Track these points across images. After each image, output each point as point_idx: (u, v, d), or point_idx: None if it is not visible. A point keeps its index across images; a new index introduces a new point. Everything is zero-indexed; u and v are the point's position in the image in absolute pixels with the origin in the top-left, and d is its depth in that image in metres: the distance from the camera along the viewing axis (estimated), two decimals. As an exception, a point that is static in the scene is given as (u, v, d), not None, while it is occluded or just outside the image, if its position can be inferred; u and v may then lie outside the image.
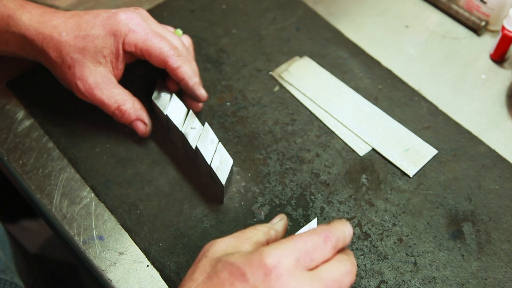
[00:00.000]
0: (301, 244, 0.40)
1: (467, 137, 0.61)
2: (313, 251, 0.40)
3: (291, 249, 0.40)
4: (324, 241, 0.41)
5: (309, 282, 0.39)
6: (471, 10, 0.71)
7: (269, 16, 0.71)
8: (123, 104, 0.56)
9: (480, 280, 0.51)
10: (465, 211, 0.55)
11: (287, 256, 0.39)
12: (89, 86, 0.55)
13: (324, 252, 0.41)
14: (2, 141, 0.58)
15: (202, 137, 0.54)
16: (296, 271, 0.39)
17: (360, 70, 0.66)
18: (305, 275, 0.39)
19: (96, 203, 0.55)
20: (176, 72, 0.55)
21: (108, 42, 0.54)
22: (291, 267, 0.39)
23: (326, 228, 0.42)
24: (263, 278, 0.38)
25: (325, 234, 0.41)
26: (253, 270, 0.38)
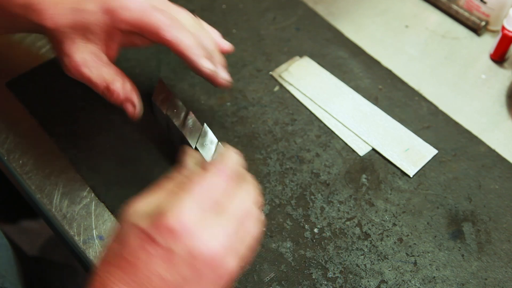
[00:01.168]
0: (199, 191, 0.39)
1: (467, 137, 0.61)
2: (212, 192, 0.40)
3: (190, 201, 0.39)
4: (218, 177, 0.41)
5: (222, 227, 0.39)
6: (471, 10, 0.71)
7: (269, 16, 0.71)
8: (112, 83, 0.52)
9: (480, 280, 0.51)
10: (465, 211, 0.55)
11: (190, 210, 0.38)
12: (76, 62, 0.51)
13: (221, 186, 0.41)
14: (2, 141, 0.58)
15: (201, 138, 0.54)
16: (204, 221, 0.39)
17: (360, 70, 0.66)
18: (215, 221, 0.39)
19: (96, 203, 0.55)
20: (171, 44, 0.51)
21: (101, 19, 0.50)
22: (198, 219, 0.38)
23: (216, 164, 0.41)
24: (173, 238, 0.38)
25: (216, 169, 0.41)
26: (159, 232, 0.38)
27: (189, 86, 0.64)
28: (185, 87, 0.64)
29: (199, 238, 0.38)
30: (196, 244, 0.38)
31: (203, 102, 0.63)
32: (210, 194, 0.40)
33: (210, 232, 0.39)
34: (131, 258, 0.38)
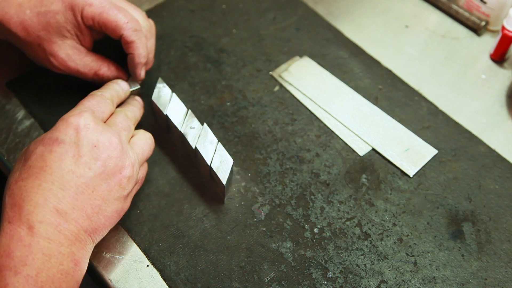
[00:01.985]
0: (88, 104, 0.48)
1: (467, 137, 0.61)
2: (98, 105, 0.48)
3: (84, 108, 0.47)
4: (102, 97, 0.50)
5: (109, 128, 0.47)
6: (471, 10, 0.71)
7: (269, 16, 0.71)
8: (99, 69, 0.57)
9: (480, 280, 0.51)
10: (465, 211, 0.55)
11: (85, 112, 0.46)
12: (62, 59, 0.55)
13: (107, 106, 0.50)
14: (2, 141, 0.58)
15: (201, 138, 0.54)
16: (97, 121, 0.46)
17: (360, 70, 0.66)
18: (104, 124, 0.47)
19: (96, 203, 0.55)
20: (128, 46, 0.55)
21: (68, 17, 0.54)
22: (92, 118, 0.46)
23: (99, 90, 0.52)
24: (76, 133, 0.44)
25: (100, 93, 0.51)
26: (63, 132, 0.44)
27: (189, 86, 0.64)
28: (185, 87, 0.64)
29: (100, 133, 0.45)
30: (99, 136, 0.45)
31: (203, 102, 0.63)
32: (96, 106, 0.48)
33: (106, 131, 0.46)
34: (41, 164, 0.43)
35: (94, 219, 0.45)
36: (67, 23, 0.54)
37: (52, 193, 0.42)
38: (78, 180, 0.43)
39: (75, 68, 0.56)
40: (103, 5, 0.54)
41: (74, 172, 0.43)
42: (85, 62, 0.56)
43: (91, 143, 0.44)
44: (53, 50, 0.55)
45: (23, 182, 0.43)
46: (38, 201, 0.42)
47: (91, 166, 0.44)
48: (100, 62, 0.57)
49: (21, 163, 0.44)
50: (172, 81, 0.64)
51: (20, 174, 0.43)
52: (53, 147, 0.43)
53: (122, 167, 0.46)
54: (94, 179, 0.44)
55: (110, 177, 0.45)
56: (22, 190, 0.42)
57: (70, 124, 0.44)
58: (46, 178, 0.42)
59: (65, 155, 0.43)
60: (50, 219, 0.42)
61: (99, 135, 0.45)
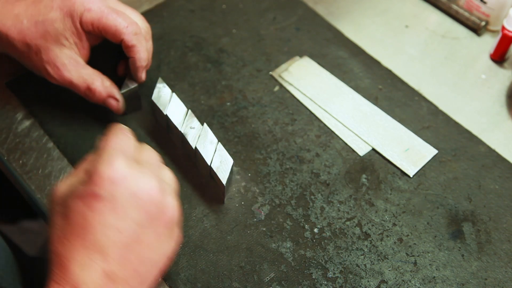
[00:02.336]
0: (116, 146, 0.43)
1: (467, 137, 0.61)
2: (127, 145, 0.44)
3: (114, 153, 0.42)
4: (124, 134, 0.45)
5: (143, 169, 0.42)
6: (471, 10, 0.71)
7: (269, 16, 0.71)
8: (92, 83, 0.56)
9: (480, 280, 0.51)
10: (465, 211, 0.55)
11: (116, 160, 0.41)
12: (57, 68, 0.55)
13: (132, 142, 0.45)
14: (2, 141, 0.58)
15: (201, 138, 0.54)
16: (131, 166, 0.42)
17: (360, 70, 0.66)
18: (141, 168, 0.42)
19: (96, 203, 0.55)
20: (129, 50, 0.55)
21: (67, 24, 0.54)
22: (126, 165, 0.41)
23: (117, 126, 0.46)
24: (113, 186, 0.40)
25: (120, 130, 0.45)
26: (100, 186, 0.40)
27: (189, 86, 0.64)
28: (185, 87, 0.64)
29: (137, 180, 0.41)
30: (137, 185, 0.41)
31: (203, 102, 0.63)
32: (125, 147, 0.44)
33: (143, 175, 0.42)
34: (82, 221, 0.40)
35: (143, 273, 0.42)
36: (65, 30, 0.54)
37: (97, 252, 0.39)
38: (121, 235, 0.40)
39: (69, 79, 0.55)
40: (102, 10, 0.54)
41: (117, 227, 0.40)
42: (80, 73, 0.55)
43: (129, 192, 0.41)
44: (50, 58, 0.54)
45: (67, 241, 0.40)
46: (84, 262, 0.39)
47: (134, 216, 0.41)
48: (95, 77, 0.56)
49: (59, 217, 0.41)
50: (172, 81, 0.64)
51: (63, 231, 0.40)
52: (92, 203, 0.40)
53: (165, 206, 0.42)
54: (139, 230, 0.41)
55: (154, 222, 0.42)
56: (67, 249, 0.40)
57: (106, 179, 0.40)
58: (89, 237, 0.40)
59: (105, 211, 0.40)
60: (97, 281, 0.39)
61: (137, 182, 0.41)
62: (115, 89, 0.57)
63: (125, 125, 0.59)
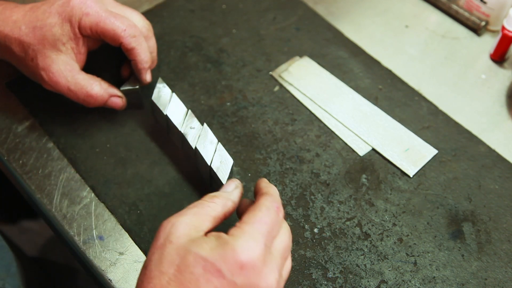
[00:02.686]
0: (264, 228, 0.41)
1: (467, 137, 0.61)
2: (272, 229, 0.42)
3: (259, 237, 0.40)
4: (277, 213, 0.42)
5: (276, 261, 0.41)
6: (471, 10, 0.71)
7: (269, 16, 0.71)
8: (91, 89, 0.56)
9: (480, 280, 0.51)
10: (465, 211, 0.55)
11: (258, 246, 0.40)
12: (53, 75, 0.54)
13: (280, 224, 0.43)
14: (2, 141, 0.58)
15: (201, 138, 0.54)
16: (266, 257, 0.40)
17: (360, 70, 0.66)
18: (272, 256, 0.41)
19: (96, 203, 0.55)
20: (129, 53, 0.55)
21: (65, 29, 0.54)
22: (262, 255, 0.40)
23: (273, 199, 0.43)
24: (239, 272, 0.39)
25: (276, 206, 0.43)
26: (228, 266, 0.39)
27: (189, 86, 0.64)
28: (185, 87, 0.64)
29: (262, 275, 0.39)
30: (259, 280, 0.39)
31: (203, 102, 0.63)
32: (271, 231, 0.41)
33: (270, 269, 0.40)
34: (193, 286, 0.38)
35: None
36: (63, 35, 0.54)
37: None
38: None
39: (66, 86, 0.55)
40: (100, 14, 0.54)
41: None
42: (76, 80, 0.55)
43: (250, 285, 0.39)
44: (46, 64, 0.54)
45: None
46: None
47: None
48: (92, 81, 0.56)
49: (174, 267, 0.39)
50: (172, 81, 0.64)
51: (168, 284, 0.39)
52: (212, 277, 0.38)
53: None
54: None
55: None
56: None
57: (238, 261, 0.39)
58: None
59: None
60: None
61: (261, 279, 0.39)
62: (114, 88, 0.58)
63: (125, 125, 0.60)
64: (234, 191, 0.47)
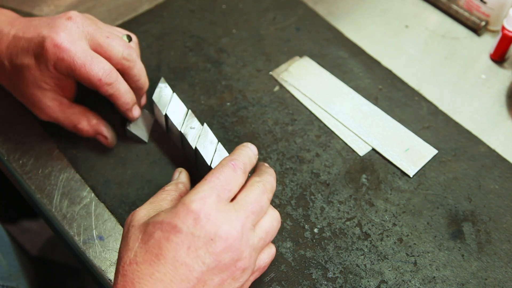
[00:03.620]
0: (216, 181, 0.43)
1: (467, 137, 0.61)
2: (227, 183, 0.43)
3: (209, 189, 0.42)
4: (234, 170, 0.44)
5: (234, 212, 0.42)
6: (471, 10, 0.71)
7: (269, 16, 0.71)
8: (79, 123, 0.56)
9: (480, 280, 0.51)
10: (465, 211, 0.55)
11: (208, 196, 0.42)
12: (44, 110, 0.54)
13: (237, 180, 0.44)
14: (2, 141, 0.58)
15: (201, 138, 0.54)
16: (220, 206, 0.42)
17: (360, 70, 0.66)
18: (229, 207, 0.42)
19: (96, 203, 0.55)
20: (109, 98, 0.54)
21: (43, 71, 0.52)
22: (215, 204, 0.41)
23: (232, 158, 0.45)
24: (194, 223, 0.41)
25: (232, 163, 0.44)
26: (182, 219, 0.41)
27: (189, 86, 0.64)
28: (185, 87, 0.64)
29: (219, 224, 0.41)
30: (217, 229, 0.41)
31: (203, 102, 0.63)
32: (225, 184, 0.43)
33: (228, 220, 0.42)
34: (156, 251, 0.40)
35: None
36: (43, 76, 0.52)
37: (163, 284, 0.40)
38: (190, 274, 0.40)
39: (56, 119, 0.55)
40: (74, 61, 0.51)
41: (188, 265, 0.40)
42: (65, 114, 0.55)
43: (208, 236, 0.41)
44: (34, 102, 0.54)
45: (137, 266, 0.41)
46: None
47: (205, 260, 0.41)
48: (80, 116, 0.55)
49: (138, 242, 0.42)
50: (172, 81, 0.64)
51: (135, 256, 0.41)
52: (170, 234, 0.40)
53: (238, 259, 0.42)
54: (206, 273, 0.41)
55: (223, 271, 0.42)
56: (135, 274, 0.40)
57: (190, 212, 0.41)
58: (159, 268, 0.40)
59: (180, 246, 0.40)
60: None
61: (218, 227, 0.41)
62: (103, 126, 0.57)
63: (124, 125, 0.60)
64: (180, 175, 0.51)
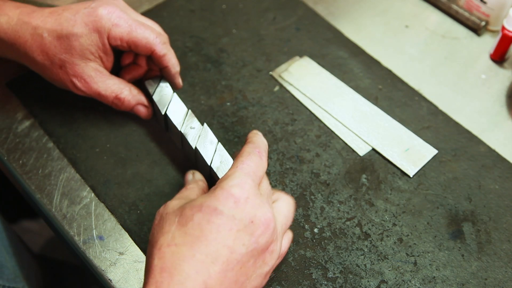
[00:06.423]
0: (248, 168, 0.45)
1: (467, 137, 0.61)
2: (257, 169, 0.45)
3: (244, 175, 0.44)
4: (260, 157, 0.46)
5: (264, 200, 0.44)
6: (471, 10, 0.71)
7: (269, 16, 0.71)
8: (121, 93, 0.56)
9: (480, 280, 0.51)
10: (465, 211, 0.55)
11: (246, 182, 0.43)
12: (84, 81, 0.55)
13: (264, 166, 0.47)
14: (2, 141, 0.58)
15: (201, 138, 0.54)
16: (256, 191, 0.44)
17: (360, 70, 0.66)
18: (260, 195, 0.44)
19: (96, 203, 0.55)
20: (161, 59, 0.56)
21: (93, 39, 0.53)
22: (252, 189, 0.43)
23: (254, 145, 0.47)
24: (235, 206, 0.42)
25: (257, 151, 0.47)
26: (222, 202, 0.42)
27: (189, 86, 0.64)
28: (185, 87, 0.64)
29: (257, 207, 0.43)
30: (256, 211, 0.42)
31: (203, 102, 0.63)
32: (256, 171, 0.45)
33: (263, 203, 0.43)
34: (197, 232, 0.41)
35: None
36: (91, 45, 0.53)
37: (204, 266, 0.40)
38: (231, 255, 0.41)
39: (97, 91, 0.55)
40: (130, 24, 0.54)
41: (229, 247, 0.41)
42: (107, 84, 0.56)
43: (249, 218, 0.42)
44: (76, 72, 0.54)
45: (176, 248, 0.40)
46: (190, 273, 0.40)
47: (245, 242, 0.41)
48: (122, 86, 0.57)
49: (174, 225, 0.42)
50: (172, 81, 0.64)
51: (174, 238, 0.41)
52: (211, 217, 0.41)
53: (271, 242, 0.44)
54: (246, 255, 0.42)
55: (259, 253, 0.43)
56: (175, 256, 0.40)
57: (230, 196, 0.42)
58: (201, 249, 0.40)
59: (222, 228, 0.41)
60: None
61: (257, 209, 0.42)
62: (143, 96, 0.58)
63: (125, 125, 0.60)
64: (195, 175, 0.53)
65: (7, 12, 0.54)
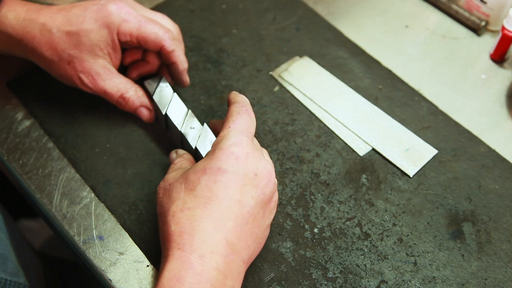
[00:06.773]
0: (241, 127, 0.46)
1: (467, 137, 0.61)
2: (249, 126, 0.47)
3: (239, 133, 0.46)
4: (248, 114, 0.48)
5: (261, 153, 0.46)
6: (471, 10, 0.71)
7: (269, 16, 0.71)
8: (126, 92, 0.56)
9: (480, 280, 0.51)
10: (465, 211, 0.55)
11: (242, 139, 0.45)
12: (92, 77, 0.55)
13: (253, 122, 0.49)
14: (2, 141, 0.58)
15: (201, 138, 0.54)
16: (253, 147, 0.45)
17: (360, 70, 0.66)
18: (257, 149, 0.46)
19: (96, 203, 0.55)
20: (170, 55, 0.56)
21: (103, 35, 0.54)
22: (249, 144, 0.45)
23: (241, 104, 0.49)
24: (237, 162, 0.43)
25: (245, 109, 0.48)
26: (224, 162, 0.43)
27: (189, 86, 0.64)
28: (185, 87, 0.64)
29: (257, 160, 0.45)
30: (257, 165, 0.44)
31: (203, 102, 0.63)
32: (248, 126, 0.47)
33: (261, 157, 0.45)
34: (207, 193, 0.42)
35: (251, 248, 0.44)
36: (101, 41, 0.54)
37: (222, 223, 0.41)
38: (243, 209, 0.43)
39: (103, 88, 0.55)
40: (139, 20, 0.54)
41: (240, 201, 0.43)
42: (114, 83, 0.56)
43: (252, 171, 0.44)
44: (84, 68, 0.54)
45: (190, 212, 0.42)
46: (209, 231, 0.41)
47: (253, 194, 0.43)
48: (129, 85, 0.57)
49: (182, 192, 0.43)
50: (172, 81, 0.64)
51: (185, 203, 0.42)
52: (217, 176, 0.42)
53: (274, 192, 0.46)
54: (255, 207, 0.44)
55: (266, 204, 0.45)
56: (191, 219, 0.41)
57: (231, 154, 0.43)
58: (214, 208, 0.42)
59: (229, 184, 0.43)
60: (221, 249, 0.41)
61: (258, 163, 0.44)
62: (147, 99, 0.58)
63: (125, 125, 0.60)
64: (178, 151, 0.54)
65: (15, 9, 0.54)
